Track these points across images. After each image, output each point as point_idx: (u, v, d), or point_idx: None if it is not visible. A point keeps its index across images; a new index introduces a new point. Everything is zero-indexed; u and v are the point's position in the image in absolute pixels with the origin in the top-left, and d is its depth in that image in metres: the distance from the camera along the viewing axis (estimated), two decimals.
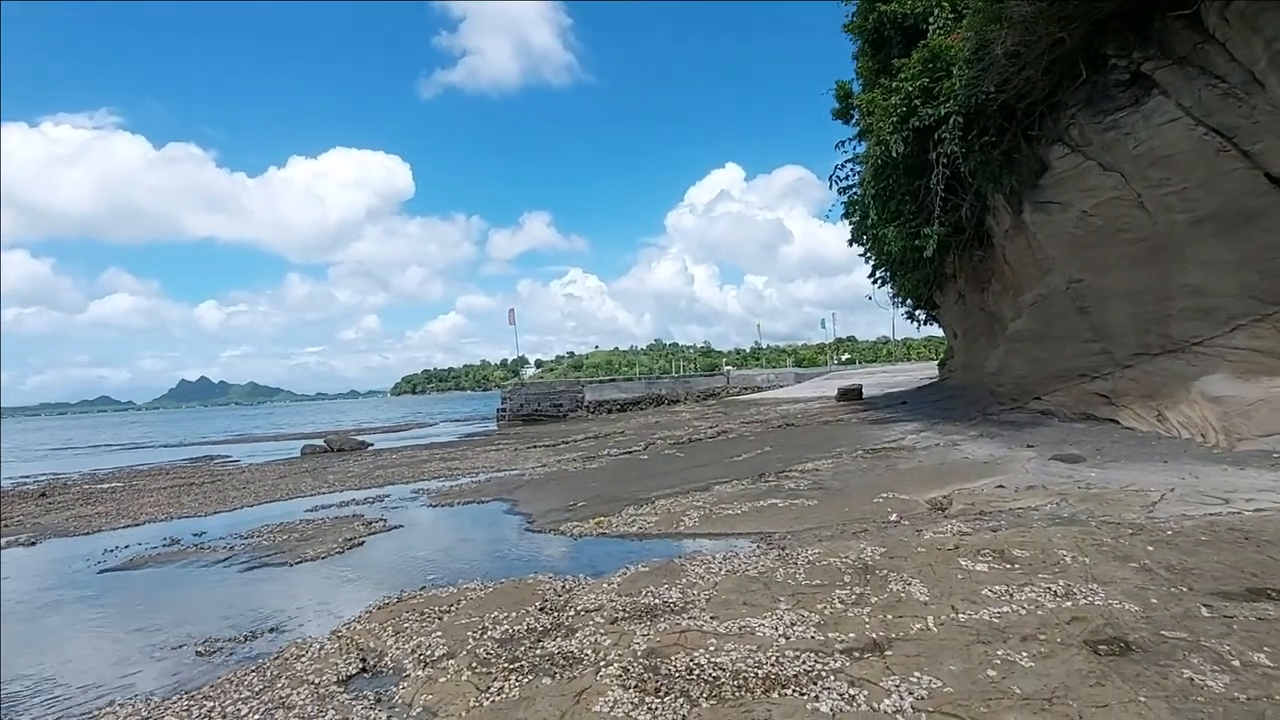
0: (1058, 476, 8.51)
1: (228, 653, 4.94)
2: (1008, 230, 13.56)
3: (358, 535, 8.59)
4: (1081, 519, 6.56)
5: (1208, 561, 4.93)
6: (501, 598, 5.51)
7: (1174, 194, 10.30)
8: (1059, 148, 11.89)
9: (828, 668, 3.73)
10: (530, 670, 4.08)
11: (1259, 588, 4.37)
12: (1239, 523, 5.88)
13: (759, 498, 8.81)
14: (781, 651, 3.99)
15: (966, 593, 4.67)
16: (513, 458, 16.15)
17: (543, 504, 9.82)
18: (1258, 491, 6.91)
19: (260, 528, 9.44)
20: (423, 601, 5.59)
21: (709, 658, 3.98)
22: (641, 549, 7.02)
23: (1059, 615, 4.18)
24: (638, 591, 5.33)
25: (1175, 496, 7.04)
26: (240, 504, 11.85)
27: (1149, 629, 3.89)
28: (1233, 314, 9.87)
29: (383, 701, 3.93)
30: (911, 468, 10.21)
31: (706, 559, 6.09)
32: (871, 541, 6.26)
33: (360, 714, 3.76)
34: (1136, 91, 10.52)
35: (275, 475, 15.87)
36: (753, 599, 4.95)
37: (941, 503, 7.87)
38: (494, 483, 12.34)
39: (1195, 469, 8.07)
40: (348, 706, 3.85)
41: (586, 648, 4.30)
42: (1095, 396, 11.94)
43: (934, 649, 3.88)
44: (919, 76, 13.22)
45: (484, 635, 4.69)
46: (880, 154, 13.67)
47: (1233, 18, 9.00)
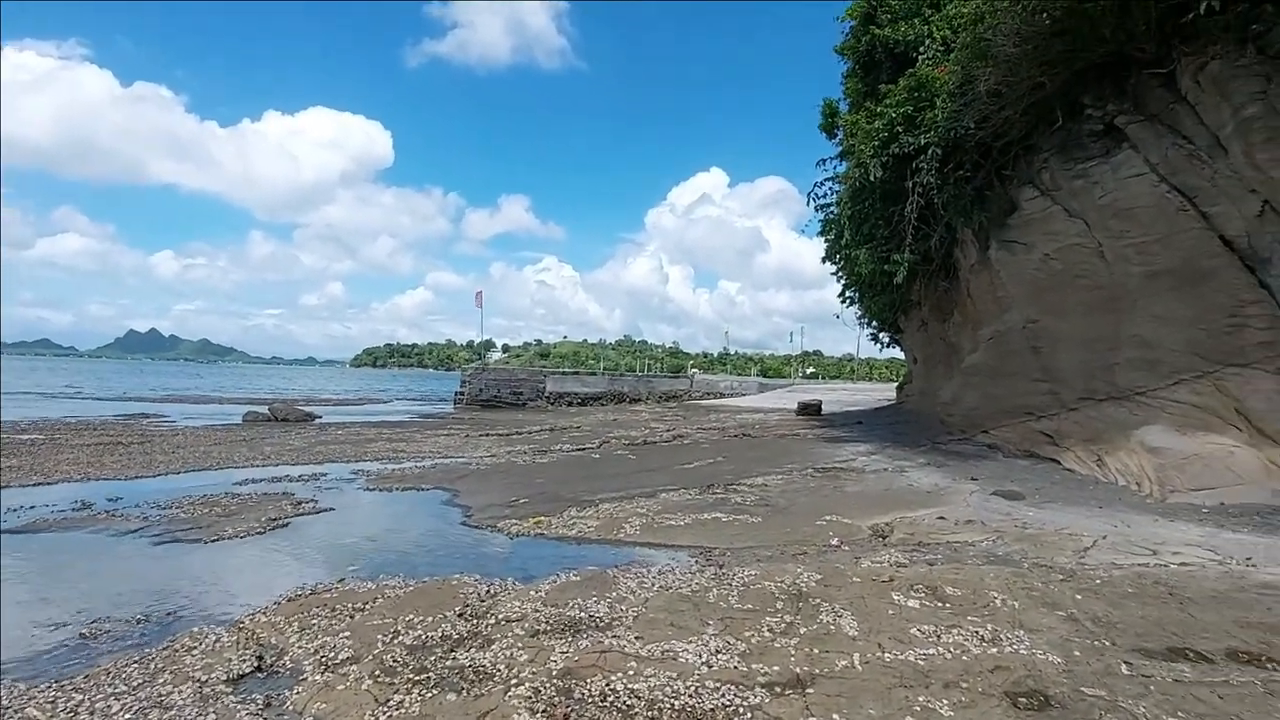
0: (997, 513, 8.60)
1: (115, 637, 4.58)
2: (973, 265, 13.76)
3: (284, 515, 8.20)
4: (1015, 559, 6.61)
5: (1132, 615, 4.97)
6: (421, 598, 5.26)
7: (1132, 246, 10.53)
8: (1029, 189, 12.08)
9: (746, 703, 3.61)
10: (437, 683, 3.86)
11: (1178, 647, 4.40)
12: (1164, 576, 5.97)
13: (704, 509, 8.71)
14: (702, 681, 3.85)
15: (896, 630, 4.61)
16: (462, 444, 15.79)
17: (484, 497, 9.55)
18: (1184, 545, 7.06)
19: (181, 498, 8.96)
20: (337, 596, 5.31)
21: (626, 683, 3.82)
22: (578, 555, 6.83)
23: (983, 662, 4.13)
24: (565, 602, 5.14)
25: (1107, 544, 7.15)
26: (166, 470, 11.27)
27: (1069, 684, 3.86)
28: (1176, 368, 10.14)
29: (272, 706, 3.66)
30: (858, 490, 10.24)
31: (641, 572, 5.94)
32: (809, 566, 6.19)
33: (248, 714, 3.50)
34: (1108, 143, 10.73)
35: (210, 441, 15.19)
36: (681, 620, 4.81)
37: (883, 530, 7.86)
38: (439, 469, 12.00)
39: (1128, 517, 8.24)
40: (232, 711, 3.57)
41: (500, 662, 4.10)
42: (1040, 435, 12.18)
43: (856, 689, 3.79)
44: (904, 104, 13.30)
45: (394, 640, 4.45)
46: (859, 176, 13.72)
47: (1205, 81, 9.21)
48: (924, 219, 13.80)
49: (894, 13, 15.90)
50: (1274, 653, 4.33)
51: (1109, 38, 9.98)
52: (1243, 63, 8.86)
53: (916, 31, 14.95)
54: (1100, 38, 10.02)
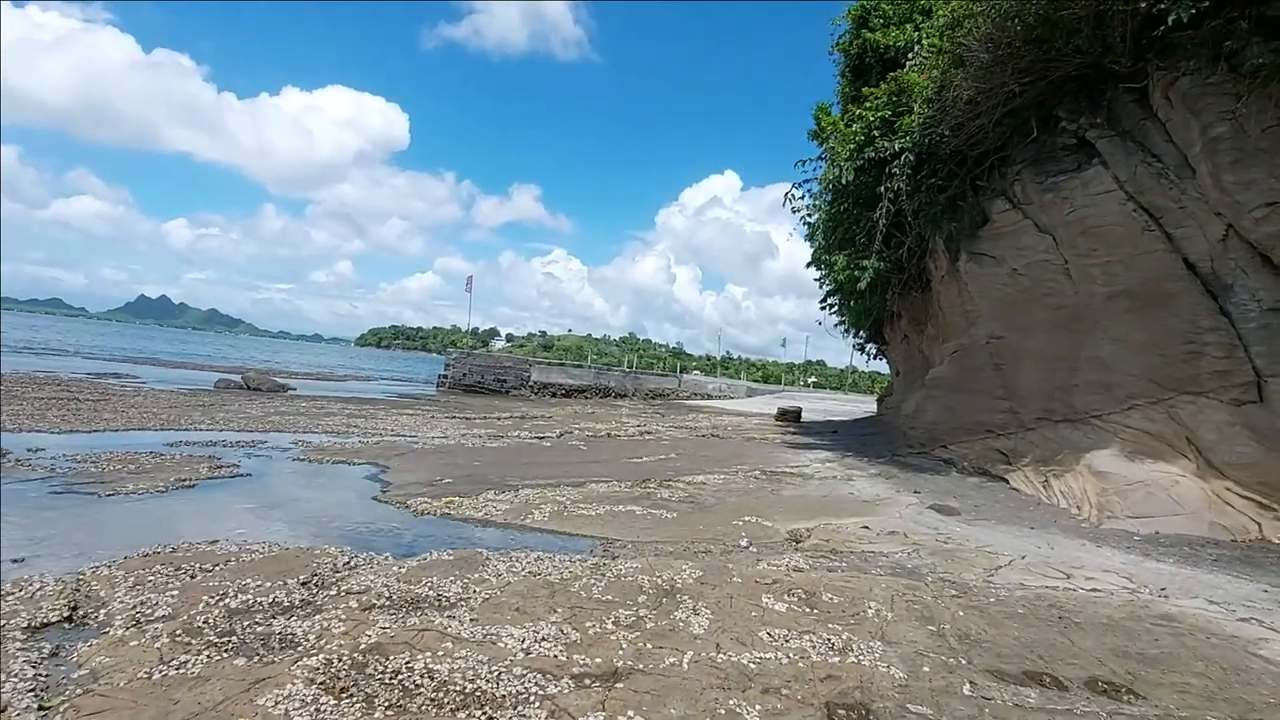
0: (925, 526, 8.36)
1: None
2: (943, 276, 13.48)
3: (195, 477, 8.08)
4: (921, 572, 6.38)
5: (1007, 636, 4.74)
6: (274, 564, 5.10)
7: (1097, 265, 10.24)
8: (1001, 201, 11.80)
9: (542, 692, 3.42)
10: (234, 648, 3.70)
11: (1035, 671, 4.17)
12: (1065, 600, 5.74)
13: (624, 502, 8.51)
14: (511, 667, 3.67)
15: (744, 632, 4.41)
16: (421, 424, 15.66)
17: (411, 475, 9.40)
18: (1102, 571, 6.81)
19: (102, 454, 8.85)
20: (191, 556, 5.16)
21: (430, 663, 3.64)
22: (470, 536, 6.66)
23: (818, 670, 3.92)
24: (419, 580, 4.97)
25: (1022, 564, 6.91)
26: (105, 427, 11.20)
27: (898, 700, 3.65)
28: (1132, 393, 9.85)
29: (56, 656, 3.52)
30: (795, 495, 10.01)
31: (519, 556, 5.75)
32: (699, 564, 5.99)
33: (18, 667, 3.34)
34: (1080, 157, 10.44)
35: (167, 404, 15.13)
36: (529, 606, 4.62)
37: (800, 535, 7.65)
38: (381, 446, 11.86)
39: (1055, 540, 7.98)
40: (9, 656, 3.42)
41: (313, 632, 3.93)
42: (995, 453, 11.90)
43: (668, 688, 3.59)
44: (883, 108, 13.05)
45: (220, 601, 4.29)
46: (833, 179, 13.47)
47: (1175, 97, 8.92)
48: (898, 226, 13.55)
49: (886, 18, 15.62)
50: (1137, 685, 4.10)
51: (1083, 48, 9.69)
52: (1214, 80, 8.56)
53: (907, 37, 14.67)
54: (1075, 48, 9.73)
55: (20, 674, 3.27)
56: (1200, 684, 4.19)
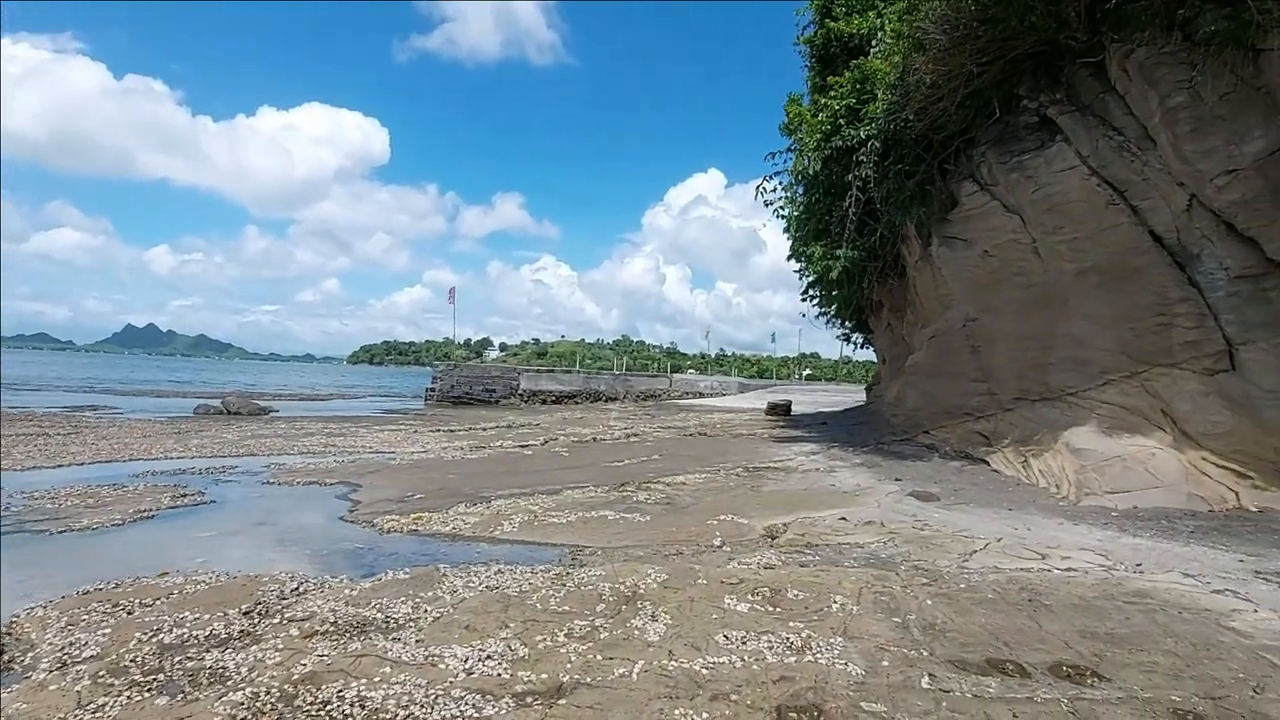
0: (903, 514, 8.25)
1: None
2: (917, 261, 13.42)
3: (156, 508, 7.90)
4: (895, 561, 6.27)
5: (973, 623, 4.63)
6: (218, 594, 4.93)
7: (1065, 242, 10.18)
8: (969, 184, 11.73)
9: (480, 714, 3.28)
10: (160, 686, 3.54)
11: (999, 659, 4.06)
12: (1038, 581, 5.63)
13: (598, 507, 8.37)
14: (450, 690, 3.52)
15: (701, 636, 4.28)
16: (402, 439, 15.48)
17: (382, 492, 9.23)
18: (1078, 549, 6.71)
19: (62, 489, 8.65)
20: (133, 590, 4.99)
21: (364, 690, 3.49)
22: (435, 551, 6.51)
23: (772, 672, 3.80)
24: (369, 602, 4.81)
25: (998, 547, 6.81)
26: (71, 461, 10.98)
27: (853, 698, 3.53)
28: (1105, 368, 9.79)
29: None
30: (775, 490, 9.90)
31: (478, 570, 5.61)
32: (665, 567, 5.86)
33: None
34: (1043, 135, 10.38)
35: (140, 433, 14.90)
36: (480, 622, 4.48)
37: (776, 531, 7.53)
38: (357, 464, 11.68)
39: (1034, 520, 7.89)
40: None
41: (246, 665, 3.78)
42: (976, 436, 11.83)
43: (613, 700, 3.45)
44: (848, 96, 12.98)
45: (153, 638, 4.12)
46: (801, 169, 13.39)
47: (1132, 70, 8.86)
48: (870, 214, 13.47)
49: (849, 6, 15.57)
50: (1102, 667, 3.99)
51: (1039, 25, 9.63)
52: (1169, 50, 8.51)
53: (870, 24, 14.61)
54: (1030, 25, 9.68)
55: None
56: (1168, 662, 4.08)
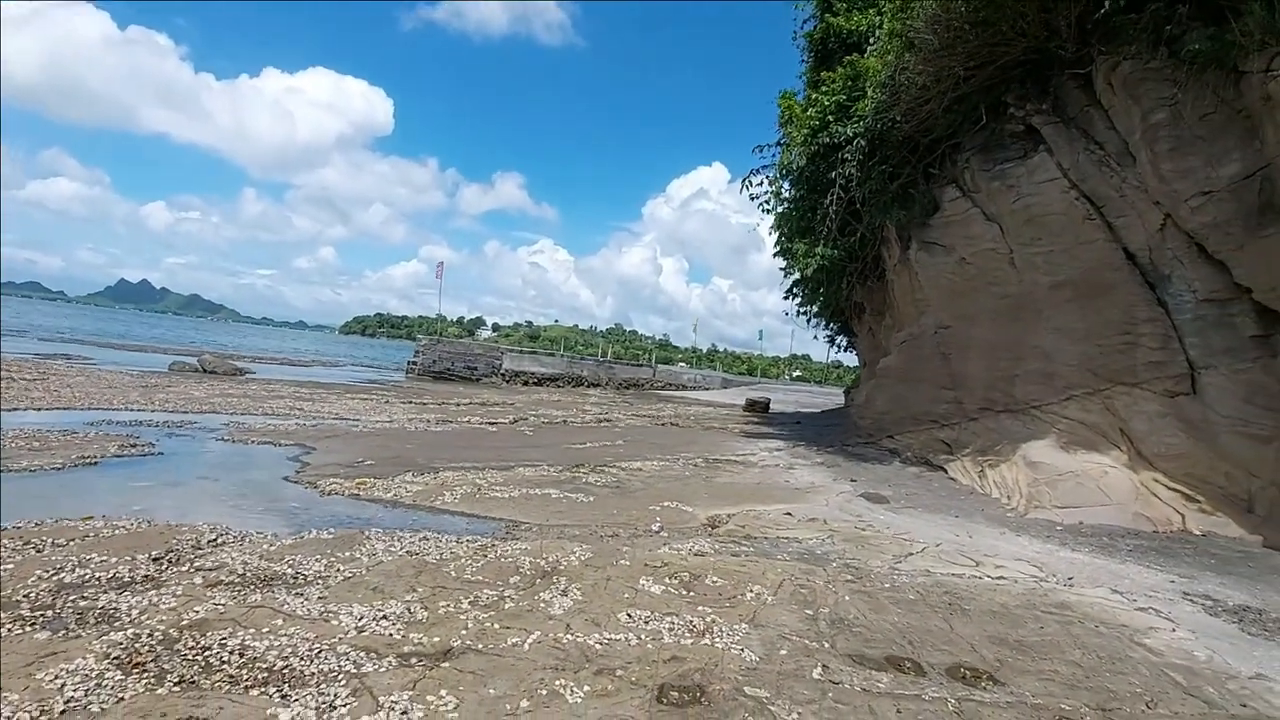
0: (849, 514, 8.26)
1: None
2: (896, 265, 13.39)
3: (101, 455, 7.83)
4: (828, 558, 6.27)
5: (884, 621, 4.63)
6: (134, 539, 4.89)
7: (1040, 255, 10.17)
8: (952, 190, 11.69)
9: (356, 670, 3.26)
10: (45, 622, 3.51)
11: (899, 656, 4.06)
12: (964, 587, 5.64)
13: (545, 486, 8.35)
14: (335, 645, 3.50)
15: (604, 613, 4.26)
16: (370, 409, 15.40)
17: (334, 456, 9.18)
18: (1014, 560, 6.73)
19: (9, 431, 8.57)
20: (51, 531, 4.93)
21: (249, 640, 3.46)
22: (368, 516, 6.46)
23: (664, 652, 3.78)
24: (283, 558, 4.78)
25: (935, 551, 6.82)
26: (29, 406, 10.88)
27: (739, 682, 3.52)
28: (1070, 383, 9.81)
29: None
30: (728, 482, 9.89)
31: (404, 536, 5.58)
32: (593, 547, 5.85)
33: None
34: (1027, 145, 10.34)
35: (107, 384, 14.78)
36: (389, 585, 4.45)
37: (718, 520, 7.52)
38: (318, 429, 11.62)
39: (978, 528, 7.91)
40: None
41: (138, 608, 3.74)
42: (939, 443, 11.85)
43: (498, 668, 3.43)
44: (839, 92, 12.88)
45: (54, 576, 4.08)
46: (787, 164, 13.30)
47: (1117, 83, 8.81)
48: (853, 214, 13.41)
49: (850, 2, 15.42)
50: (1000, 672, 3.99)
51: (1030, 33, 9.56)
52: (1154, 65, 8.46)
53: (869, 21, 14.48)
54: (1021, 32, 9.60)
55: None
56: (1068, 672, 4.09)
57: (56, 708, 2.73)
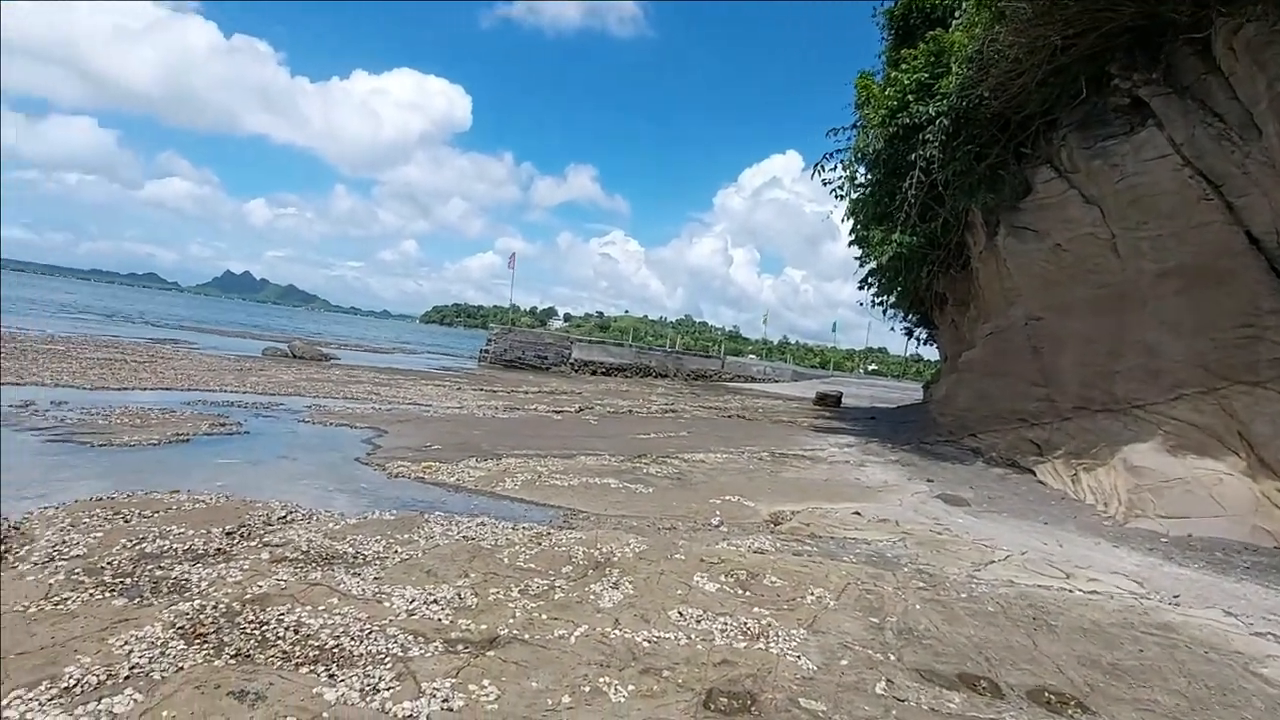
0: (924, 516, 7.81)
1: None
2: (981, 252, 12.53)
3: (194, 433, 8.35)
4: (900, 563, 5.93)
5: (959, 634, 4.29)
6: (212, 513, 5.14)
7: (1147, 239, 9.25)
8: (1046, 170, 10.80)
9: (403, 654, 3.26)
10: (122, 589, 3.71)
11: (973, 675, 3.74)
12: (1050, 600, 5.19)
13: (605, 475, 8.30)
14: (385, 628, 3.53)
15: (654, 609, 4.13)
16: (442, 395, 15.86)
17: (404, 440, 9.47)
18: (1110, 573, 6.15)
19: (117, 409, 9.29)
20: (139, 502, 5.26)
21: (305, 617, 3.54)
22: (431, 499, 6.60)
23: (715, 654, 3.62)
24: (345, 537, 4.91)
25: (1019, 560, 6.32)
26: (136, 385, 11.79)
27: (793, 693, 3.31)
28: (1179, 381, 8.89)
29: None
30: (794, 478, 9.56)
31: (462, 521, 5.64)
32: (648, 539, 5.73)
33: None
34: (1133, 119, 9.40)
35: (206, 367, 15.87)
36: (442, 569, 4.48)
37: (782, 517, 7.26)
38: (392, 413, 12.04)
39: (1068, 537, 7.29)
40: None
41: (207, 580, 3.91)
42: (1028, 444, 11.04)
43: (542, 660, 3.37)
44: (920, 70, 12.15)
45: (136, 545, 4.33)
46: (863, 147, 12.68)
47: (1239, 48, 7.85)
48: (935, 199, 12.65)
49: None
50: (1091, 699, 3.62)
51: None
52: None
53: None
54: None
55: None
56: (1170, 702, 3.66)
57: (122, 672, 2.84)
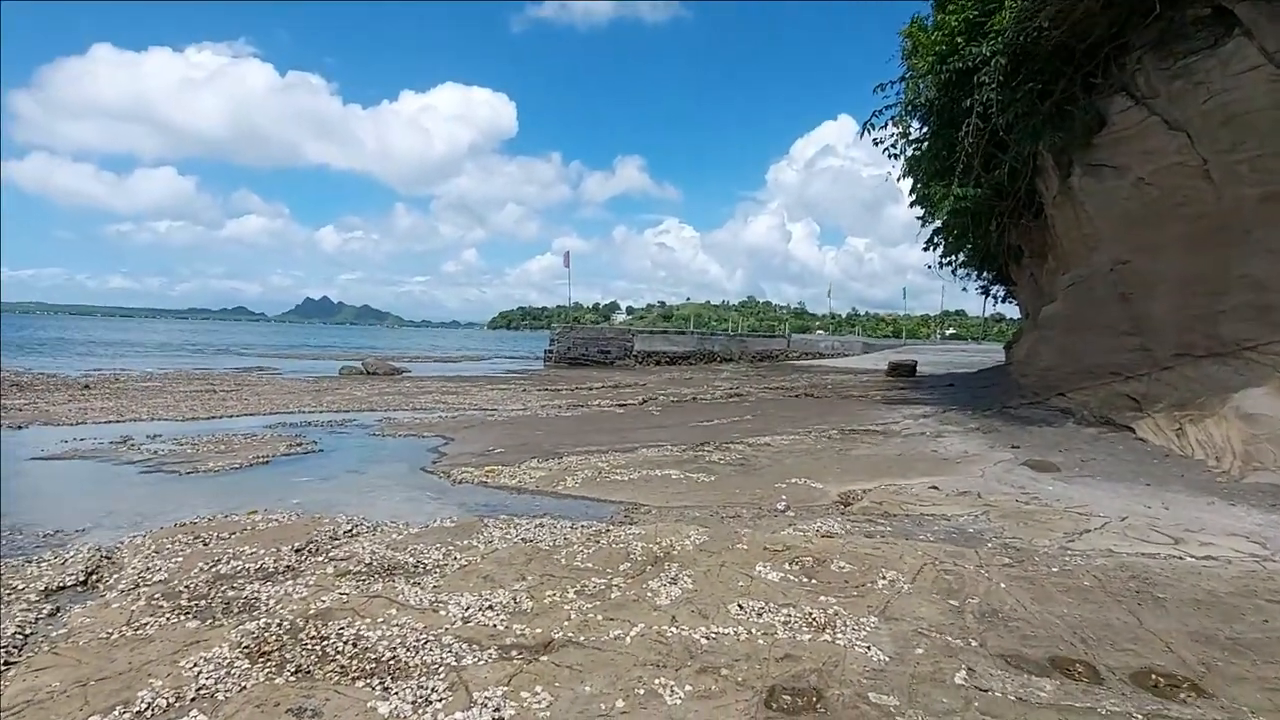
0: (1009, 485, 7.30)
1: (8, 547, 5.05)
2: (1055, 197, 11.60)
3: (273, 454, 8.76)
4: (982, 537, 5.55)
5: (1050, 613, 3.94)
6: (281, 531, 5.33)
7: (1246, 162, 8.31)
8: (1121, 99, 9.87)
9: (459, 663, 3.24)
10: (197, 611, 3.86)
11: (1067, 659, 3.40)
12: (1157, 570, 4.72)
13: (666, 466, 8.18)
14: (441, 636, 3.52)
15: (714, 604, 3.98)
16: (507, 398, 16.14)
17: (468, 445, 9.64)
18: (1226, 534, 5.56)
19: (203, 437, 9.87)
20: (216, 525, 5.51)
21: (363, 630, 3.58)
22: (492, 502, 6.67)
23: (778, 649, 3.43)
24: (407, 547, 4.98)
25: (1119, 527, 5.80)
26: (224, 413, 12.52)
27: (862, 686, 3.09)
28: None
29: (54, 616, 3.85)
30: (865, 454, 9.15)
31: (520, 523, 5.64)
32: (710, 529, 5.58)
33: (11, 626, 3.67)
34: (1217, 30, 8.44)
35: (286, 391, 16.72)
36: (500, 573, 4.47)
37: (853, 497, 6.95)
38: (458, 420, 12.32)
39: (1175, 498, 6.64)
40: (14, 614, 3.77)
41: (275, 598, 4.03)
42: (1124, 399, 10.17)
43: (596, 663, 3.28)
44: (969, 8, 11.33)
45: (212, 567, 4.52)
46: (912, 99, 11.96)
47: None
48: (999, 145, 11.82)
49: None
50: (1207, 680, 3.23)
51: None
52: None
53: None
54: None
55: (4, 632, 3.58)
56: None
57: (188, 695, 2.93)
